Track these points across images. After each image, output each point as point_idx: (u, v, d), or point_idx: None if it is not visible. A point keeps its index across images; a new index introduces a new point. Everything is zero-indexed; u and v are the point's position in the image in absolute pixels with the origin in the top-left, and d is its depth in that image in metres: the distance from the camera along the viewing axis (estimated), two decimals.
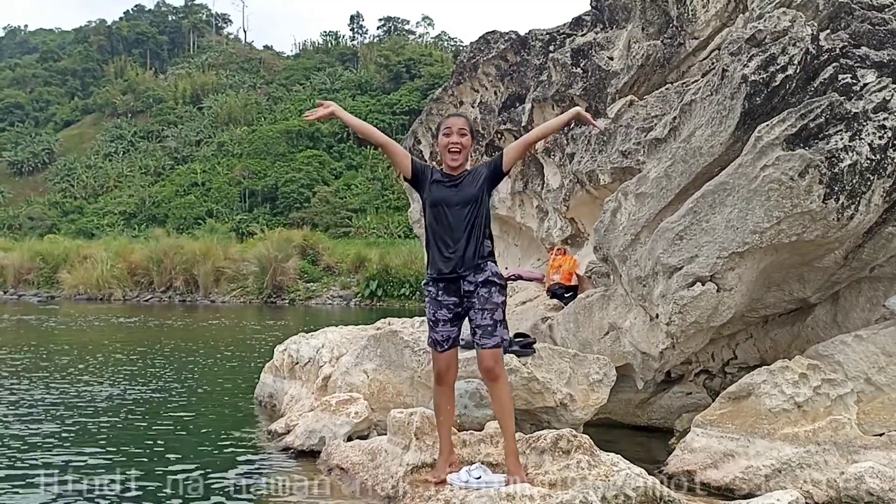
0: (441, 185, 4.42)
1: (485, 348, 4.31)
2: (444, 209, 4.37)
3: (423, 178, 4.49)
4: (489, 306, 4.32)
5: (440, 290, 4.40)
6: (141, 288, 34.28)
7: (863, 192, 5.76)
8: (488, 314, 4.31)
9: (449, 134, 4.43)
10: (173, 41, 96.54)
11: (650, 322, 6.64)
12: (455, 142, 4.40)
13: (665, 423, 7.32)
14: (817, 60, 6.03)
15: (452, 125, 4.46)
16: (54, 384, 9.90)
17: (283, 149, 60.52)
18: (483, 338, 4.32)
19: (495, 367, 4.32)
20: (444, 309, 4.40)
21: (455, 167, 4.44)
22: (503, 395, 4.38)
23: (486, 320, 4.31)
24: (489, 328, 4.31)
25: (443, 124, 4.53)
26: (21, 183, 68.18)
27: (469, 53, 11.01)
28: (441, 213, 4.37)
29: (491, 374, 4.33)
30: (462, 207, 4.35)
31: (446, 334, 4.43)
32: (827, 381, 5.69)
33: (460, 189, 4.39)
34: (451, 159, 4.43)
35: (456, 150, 4.41)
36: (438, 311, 4.41)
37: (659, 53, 8.03)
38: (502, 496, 4.03)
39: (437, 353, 4.47)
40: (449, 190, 4.40)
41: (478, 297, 4.33)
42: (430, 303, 4.45)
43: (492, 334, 4.31)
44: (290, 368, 8.36)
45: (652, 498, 4.26)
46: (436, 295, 4.41)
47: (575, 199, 8.76)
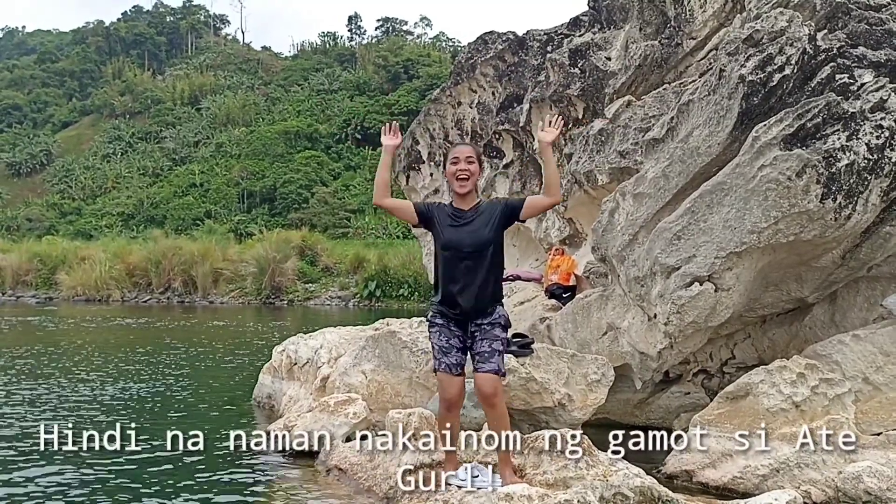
0: (453, 227, 4.41)
1: (482, 372, 4.32)
2: (458, 254, 4.36)
3: (431, 218, 4.48)
4: (490, 337, 4.37)
5: (451, 323, 4.44)
6: (139, 289, 34.23)
7: (860, 191, 5.78)
8: (488, 343, 4.36)
9: (457, 162, 4.45)
10: (171, 42, 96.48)
11: (648, 322, 6.64)
12: (463, 168, 4.42)
13: (663, 423, 7.31)
14: (814, 60, 6.04)
15: (460, 154, 4.49)
16: (53, 385, 9.89)
17: (282, 150, 60.47)
18: (481, 363, 4.34)
19: (493, 395, 4.32)
20: (455, 338, 4.44)
21: (464, 194, 4.46)
22: (501, 419, 4.40)
23: (484, 347, 4.35)
24: (487, 354, 4.34)
25: (451, 153, 4.56)
26: (19, 184, 68.09)
27: (467, 54, 11.03)
28: (454, 257, 4.37)
29: (489, 402, 4.34)
30: (475, 253, 4.36)
31: (458, 359, 4.45)
32: (825, 381, 5.70)
33: (473, 230, 4.39)
34: (460, 186, 4.44)
35: (464, 176, 4.43)
36: (451, 339, 4.43)
37: (656, 54, 8.04)
38: (500, 496, 4.03)
39: (449, 378, 4.42)
40: (461, 230, 4.39)
41: (480, 331, 4.39)
42: (440, 331, 4.45)
43: (489, 360, 4.33)
44: (288, 369, 8.36)
45: (650, 498, 4.26)
46: (447, 325, 4.44)
47: (573, 199, 8.77)
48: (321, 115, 66.44)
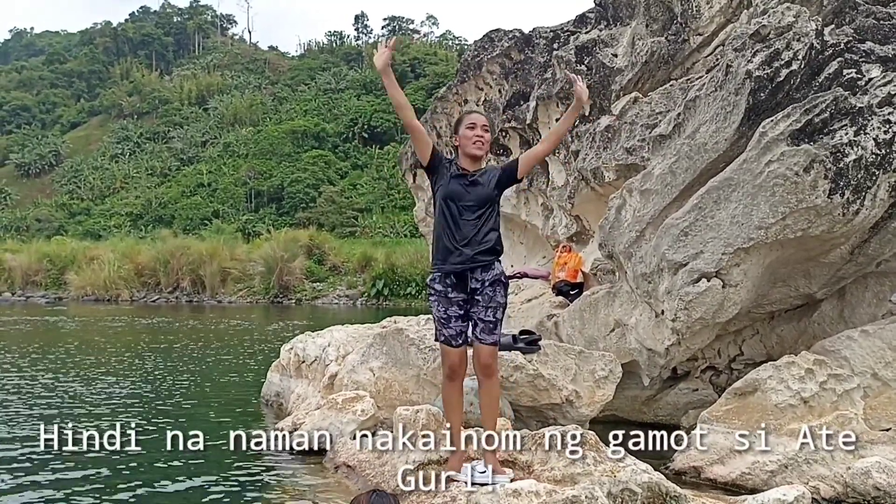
0: (457, 181, 4.44)
1: (484, 343, 4.38)
2: (457, 206, 4.39)
3: (441, 167, 4.49)
4: (493, 304, 4.38)
5: (449, 287, 4.42)
6: (148, 289, 34.39)
7: (868, 186, 5.75)
8: (492, 311, 4.38)
9: (473, 127, 4.48)
10: (178, 42, 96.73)
11: (656, 318, 6.63)
12: (480, 135, 4.47)
13: (671, 420, 7.31)
14: (822, 55, 6.02)
15: (476, 120, 4.52)
16: (63, 383, 9.95)
17: (289, 149, 60.58)
18: (483, 333, 4.37)
19: (492, 364, 4.42)
20: (454, 306, 4.43)
21: (478, 158, 4.50)
22: (494, 392, 4.50)
23: (488, 317, 4.37)
24: (490, 325, 4.37)
25: (466, 118, 4.57)
26: (28, 185, 68.41)
27: (473, 52, 11.02)
28: (453, 209, 4.40)
29: (488, 371, 4.41)
30: (475, 207, 4.39)
31: (459, 329, 4.46)
32: (833, 377, 5.69)
33: (475, 187, 4.43)
34: (477, 149, 4.47)
35: (481, 141, 4.47)
36: (449, 308, 4.43)
37: (663, 50, 8.03)
38: (508, 492, 4.04)
39: (449, 349, 4.47)
40: (464, 187, 4.42)
41: (483, 295, 4.38)
42: (439, 300, 4.45)
43: (492, 331, 4.38)
44: (296, 367, 8.38)
45: (658, 493, 4.26)
46: (445, 292, 4.43)
47: (580, 196, 8.76)
48: (328, 115, 66.55)
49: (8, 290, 36.19)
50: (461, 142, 4.52)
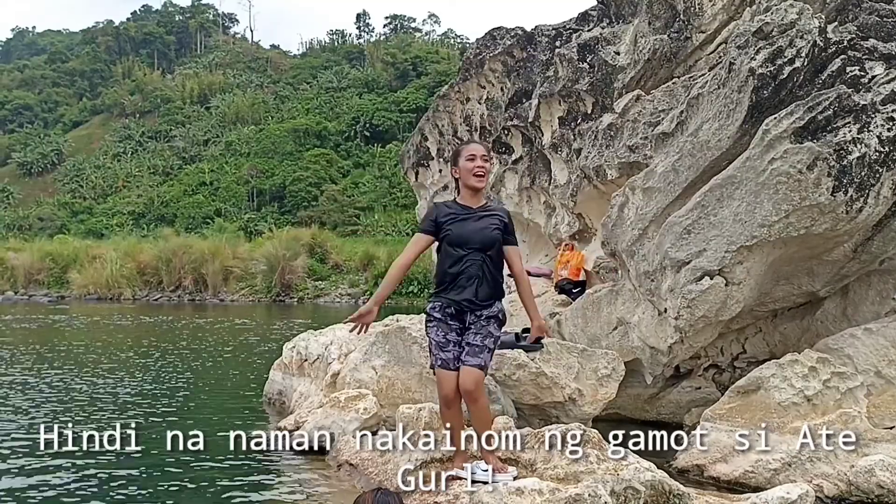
0: (460, 222, 4.42)
1: (467, 365, 4.34)
2: (464, 249, 4.39)
3: (439, 224, 4.48)
4: (484, 332, 4.41)
5: (448, 317, 4.45)
6: (150, 287, 34.43)
7: (872, 184, 5.74)
8: (480, 338, 4.39)
9: (473, 159, 4.47)
10: (180, 41, 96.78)
11: (658, 317, 6.63)
12: (480, 166, 4.46)
13: (674, 418, 7.30)
14: (825, 53, 6.00)
15: (476, 151, 4.51)
16: (66, 382, 9.96)
17: (291, 148, 60.61)
18: (468, 356, 4.36)
19: (475, 391, 4.34)
20: (452, 332, 4.45)
21: (479, 190, 4.50)
22: (483, 416, 4.44)
23: (476, 341, 4.38)
24: (477, 348, 4.36)
25: (465, 150, 4.56)
26: (31, 184, 68.50)
27: (475, 50, 11.01)
28: (460, 252, 4.40)
29: (470, 397, 4.37)
30: (481, 250, 4.40)
31: (455, 353, 4.46)
32: (837, 375, 5.68)
33: (481, 228, 4.42)
34: (477, 182, 4.47)
35: (481, 173, 4.47)
36: (448, 333, 4.45)
37: (665, 48, 8.01)
38: (511, 490, 4.03)
39: (446, 374, 4.44)
40: (469, 226, 4.41)
41: (476, 325, 4.42)
42: (438, 325, 4.47)
43: (478, 354, 4.36)
44: (298, 365, 8.38)
45: (661, 492, 4.25)
46: (444, 320, 4.46)
47: (582, 194, 8.75)
48: (330, 113, 66.57)
49: (11, 288, 36.23)
50: (462, 174, 4.50)
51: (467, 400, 4.40)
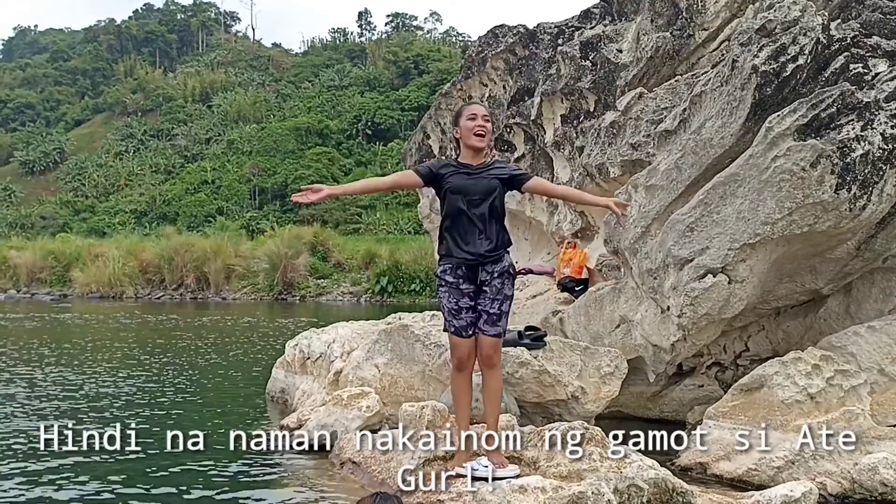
0: (461, 175, 4.43)
1: (487, 335, 4.40)
2: (464, 199, 4.38)
3: (437, 174, 4.48)
4: (500, 297, 4.41)
5: (460, 279, 4.42)
6: (152, 286, 34.44)
7: (875, 181, 5.73)
8: (497, 304, 4.40)
9: (474, 118, 4.47)
10: (182, 39, 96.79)
11: (661, 314, 6.62)
12: (481, 125, 4.45)
13: (677, 416, 7.30)
14: (828, 50, 5.99)
15: (477, 111, 4.51)
16: (70, 380, 9.97)
17: (293, 146, 60.60)
18: (486, 324, 4.40)
19: (494, 356, 4.45)
20: (465, 297, 4.43)
21: (480, 149, 4.49)
22: (496, 383, 4.52)
23: (494, 308, 4.39)
24: (495, 317, 4.39)
25: (466, 110, 4.56)
26: (33, 182, 68.54)
27: (477, 47, 11.01)
28: (460, 203, 4.39)
29: (489, 362, 4.44)
30: (482, 199, 4.38)
31: (469, 320, 4.45)
32: (840, 372, 5.67)
33: (481, 180, 4.41)
34: (478, 141, 4.46)
35: (482, 132, 4.46)
36: (461, 299, 4.43)
37: (668, 45, 8.00)
38: (514, 488, 4.03)
39: (459, 340, 4.47)
40: (469, 179, 4.41)
41: (491, 286, 4.40)
42: (450, 291, 4.44)
43: (496, 323, 4.40)
44: (301, 363, 8.39)
45: (664, 489, 4.25)
46: (457, 283, 4.43)
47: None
48: (332, 112, 66.55)
49: (13, 287, 36.25)
50: (462, 133, 4.49)
51: (485, 365, 4.45)
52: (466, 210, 4.37)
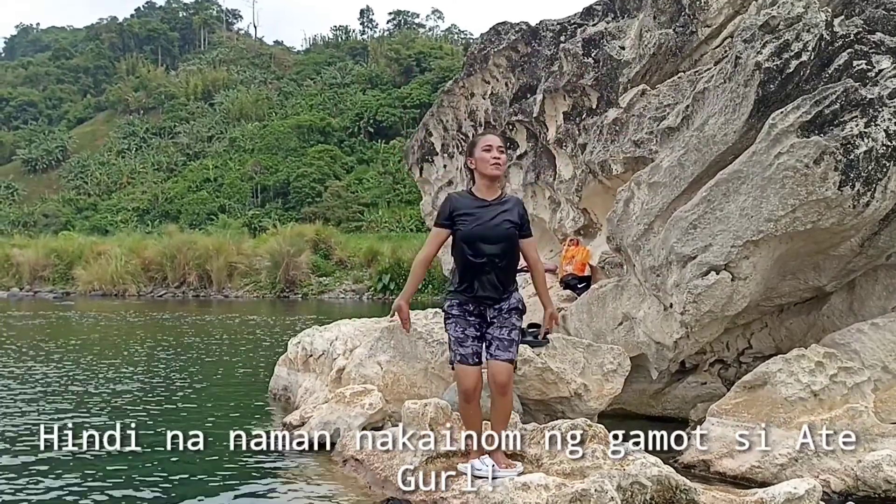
0: (474, 215, 4.43)
1: (500, 359, 4.41)
2: (479, 245, 4.41)
3: (456, 214, 4.49)
4: (508, 325, 4.48)
5: (466, 313, 4.50)
6: (155, 283, 34.46)
7: (879, 178, 5.71)
8: (507, 331, 4.46)
9: (489, 149, 4.51)
10: (184, 37, 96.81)
11: (664, 312, 6.61)
12: (497, 157, 4.50)
13: (680, 414, 7.29)
14: (832, 47, 5.97)
15: (492, 142, 4.55)
16: (73, 377, 9.98)
17: (295, 144, 60.61)
18: (499, 350, 4.42)
19: (508, 383, 4.46)
20: (471, 327, 4.50)
21: (495, 180, 4.54)
22: (507, 409, 4.54)
23: (503, 335, 4.44)
24: (507, 342, 4.43)
25: (481, 141, 4.59)
26: (35, 180, 68.62)
27: (480, 45, 10.99)
28: (476, 251, 4.41)
29: (503, 390, 4.44)
30: (497, 245, 4.42)
31: (474, 349, 4.50)
32: (843, 370, 5.66)
33: (497, 224, 4.43)
34: (494, 169, 4.50)
35: (498, 163, 4.51)
36: (467, 328, 4.49)
37: (671, 42, 7.98)
38: (517, 485, 4.03)
39: (465, 368, 4.46)
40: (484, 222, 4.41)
41: (499, 319, 4.48)
42: (457, 321, 4.50)
43: (507, 349, 4.43)
44: (304, 361, 8.39)
45: (667, 487, 4.24)
46: (463, 314, 4.50)
47: (587, 189, 8.74)
48: (334, 109, 66.54)
49: (16, 285, 36.30)
50: (478, 164, 4.54)
51: (497, 392, 4.44)
52: (480, 257, 4.40)
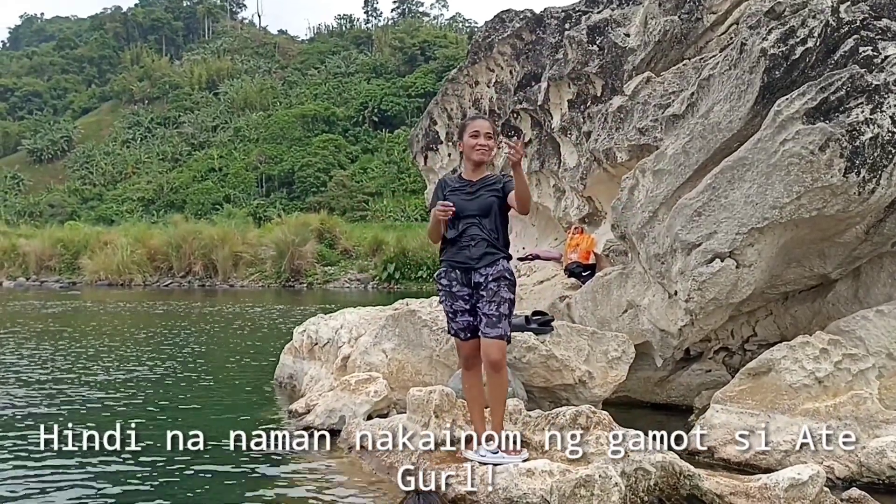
0: (458, 193, 4.54)
1: (488, 337, 4.40)
2: (461, 217, 4.48)
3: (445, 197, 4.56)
4: (497, 299, 4.42)
5: (454, 282, 4.53)
6: (160, 273, 34.57)
7: (884, 165, 5.70)
8: (495, 306, 4.41)
9: (476, 136, 4.54)
10: (188, 27, 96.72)
11: (669, 299, 6.61)
12: (483, 143, 4.54)
13: (684, 401, 7.31)
14: (837, 33, 5.95)
15: (480, 128, 4.57)
16: (81, 365, 10.03)
17: (299, 133, 60.59)
18: (487, 327, 4.40)
19: (498, 361, 4.42)
20: (459, 300, 4.53)
21: (480, 164, 4.59)
22: (501, 388, 4.49)
23: (491, 310, 4.40)
24: (494, 318, 4.40)
25: (469, 126, 4.62)
26: (41, 171, 68.78)
27: (484, 32, 10.96)
28: (459, 220, 4.49)
29: (496, 366, 4.42)
30: (477, 217, 4.49)
31: (465, 323, 4.54)
32: (848, 356, 5.66)
33: (477, 198, 4.52)
34: (479, 155, 4.56)
35: (482, 150, 4.55)
36: (454, 302, 4.54)
37: (676, 29, 7.95)
38: (522, 471, 4.05)
39: (459, 342, 4.62)
40: (466, 197, 4.51)
41: (487, 290, 4.44)
42: (446, 296, 4.58)
43: (496, 325, 4.39)
44: (309, 349, 8.42)
45: (671, 473, 4.26)
46: (450, 287, 4.54)
47: (592, 177, 8.72)
48: (338, 99, 66.48)
49: (23, 275, 36.45)
50: (464, 149, 4.64)
51: (490, 369, 4.45)
52: (461, 224, 4.48)
